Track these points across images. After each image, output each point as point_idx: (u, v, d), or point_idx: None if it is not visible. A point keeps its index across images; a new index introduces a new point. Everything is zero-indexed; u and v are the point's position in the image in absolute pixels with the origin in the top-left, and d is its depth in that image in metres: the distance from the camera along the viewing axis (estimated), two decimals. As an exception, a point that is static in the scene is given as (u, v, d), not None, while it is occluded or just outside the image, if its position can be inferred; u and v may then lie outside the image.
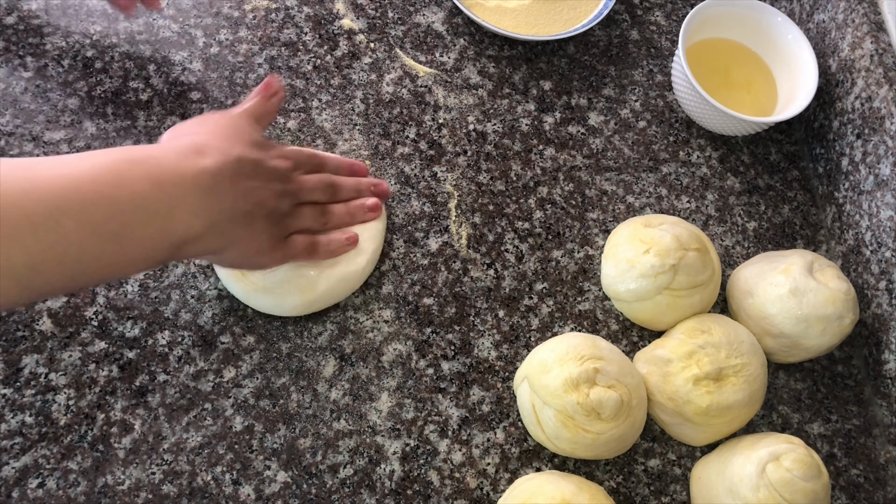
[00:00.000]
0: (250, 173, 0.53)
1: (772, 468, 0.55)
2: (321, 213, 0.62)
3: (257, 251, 0.56)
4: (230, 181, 0.52)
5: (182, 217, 0.49)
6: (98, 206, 0.45)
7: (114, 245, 0.46)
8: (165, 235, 0.48)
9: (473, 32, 0.78)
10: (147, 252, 0.48)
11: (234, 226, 0.53)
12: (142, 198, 0.47)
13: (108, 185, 0.46)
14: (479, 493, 0.59)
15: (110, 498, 0.56)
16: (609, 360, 0.59)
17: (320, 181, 0.62)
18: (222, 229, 0.52)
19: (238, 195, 0.52)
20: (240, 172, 0.52)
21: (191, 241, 0.50)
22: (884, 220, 0.66)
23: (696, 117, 0.75)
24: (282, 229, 0.58)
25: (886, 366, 0.66)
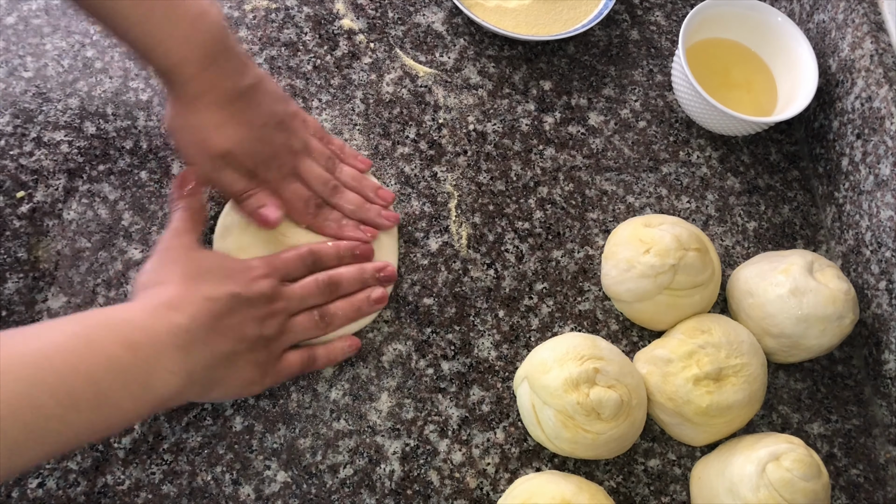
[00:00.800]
0: (227, 311, 0.52)
1: (772, 468, 0.55)
2: (320, 319, 0.59)
3: (245, 384, 0.55)
4: (206, 330, 0.50)
5: (160, 377, 0.47)
6: (74, 377, 0.43)
7: (94, 413, 0.44)
8: (145, 397, 0.47)
9: (473, 32, 0.78)
10: (127, 415, 0.47)
11: (215, 370, 0.51)
12: (117, 363, 0.45)
13: (81, 354, 0.44)
14: (479, 493, 0.59)
15: (110, 498, 0.56)
16: (609, 360, 0.59)
17: (314, 286, 0.59)
18: (202, 378, 0.51)
19: (216, 340, 0.51)
20: (216, 315, 0.51)
21: (171, 397, 0.49)
22: (884, 220, 0.66)
23: (696, 117, 0.75)
24: (272, 353, 0.56)
25: (886, 366, 0.66)
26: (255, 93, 0.58)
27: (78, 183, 0.65)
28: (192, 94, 0.55)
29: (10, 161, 0.65)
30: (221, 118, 0.56)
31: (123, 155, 0.67)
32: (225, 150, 0.57)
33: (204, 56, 0.54)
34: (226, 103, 0.56)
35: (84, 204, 0.65)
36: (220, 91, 0.56)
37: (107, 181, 0.66)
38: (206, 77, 0.55)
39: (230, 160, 0.57)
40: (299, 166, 0.61)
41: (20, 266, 0.62)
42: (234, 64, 0.56)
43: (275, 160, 0.59)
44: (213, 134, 0.56)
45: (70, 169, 0.66)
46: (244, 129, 0.57)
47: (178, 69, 0.54)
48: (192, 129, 0.57)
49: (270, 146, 0.59)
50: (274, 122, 0.59)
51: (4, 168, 0.65)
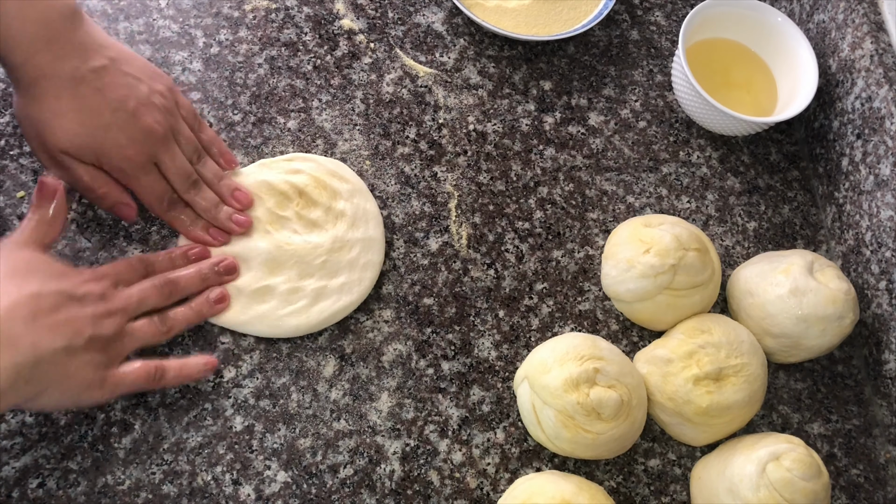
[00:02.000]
0: (53, 306, 0.48)
1: (772, 468, 0.55)
2: (161, 324, 0.56)
3: (83, 387, 0.50)
4: (25, 322, 0.47)
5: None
6: None
7: None
8: None
9: (473, 32, 0.78)
10: None
11: (47, 368, 0.48)
12: None
13: None
14: (479, 493, 0.59)
15: (110, 498, 0.56)
16: (609, 360, 0.59)
17: (151, 288, 0.56)
18: (29, 376, 0.47)
19: (42, 335, 0.47)
20: (38, 309, 0.48)
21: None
22: (884, 220, 0.66)
23: (696, 117, 0.75)
24: (111, 356, 0.52)
25: (886, 366, 0.66)
26: (105, 75, 0.53)
27: (78, 183, 0.65)
28: (28, 80, 0.51)
29: (10, 161, 0.65)
30: (60, 108, 0.52)
31: (123, 155, 0.67)
32: (62, 145, 0.53)
33: (39, 38, 0.50)
34: (66, 90, 0.51)
35: (84, 204, 0.65)
36: (59, 76, 0.51)
37: (107, 181, 0.66)
38: (41, 60, 0.50)
39: (70, 156, 0.53)
40: (160, 154, 0.56)
41: None
42: (75, 45, 0.51)
43: (127, 149, 0.54)
44: (51, 127, 0.52)
45: (70, 169, 0.66)
46: (85, 118, 0.52)
47: (9, 49, 0.50)
48: (31, 120, 0.53)
49: (120, 136, 0.54)
50: (129, 106, 0.54)
51: (4, 168, 0.65)
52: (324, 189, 0.65)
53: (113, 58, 0.54)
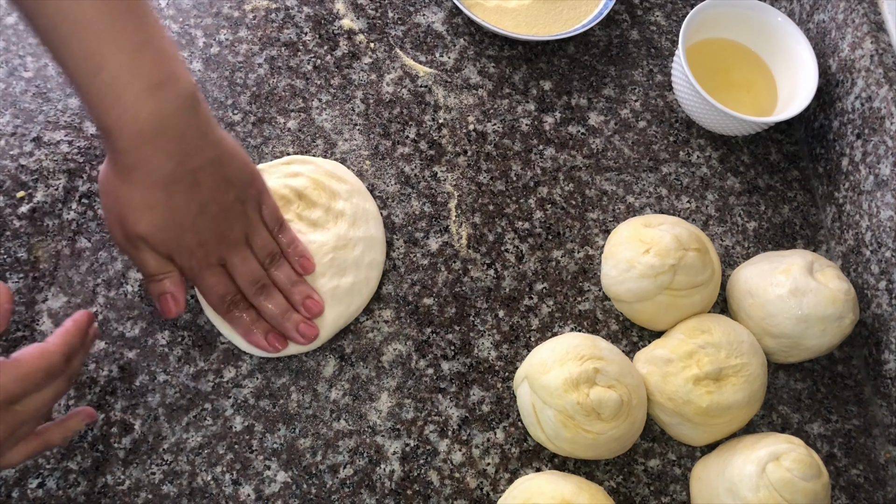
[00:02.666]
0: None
1: (772, 468, 0.55)
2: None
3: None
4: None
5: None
6: None
7: None
8: None
9: (473, 32, 0.78)
10: None
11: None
12: None
13: None
14: (479, 493, 0.59)
15: (110, 498, 0.56)
16: (609, 360, 0.59)
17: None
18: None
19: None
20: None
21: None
22: (884, 220, 0.66)
23: (696, 117, 0.75)
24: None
25: (886, 366, 0.66)
26: (201, 176, 0.52)
27: (78, 183, 0.65)
28: (126, 165, 0.50)
29: (10, 161, 0.65)
30: (148, 200, 0.51)
31: (123, 155, 0.67)
32: (141, 234, 0.52)
33: (147, 130, 0.49)
34: (159, 184, 0.51)
35: (84, 204, 0.65)
36: (156, 171, 0.50)
37: (107, 181, 0.66)
38: (145, 152, 0.50)
39: (146, 244, 0.53)
40: (230, 258, 0.56)
41: (20, 266, 0.62)
42: (184, 143, 0.51)
43: (199, 249, 0.54)
44: (135, 214, 0.52)
45: (70, 169, 0.66)
46: (171, 215, 0.52)
47: (116, 135, 0.49)
48: (116, 199, 0.52)
49: (198, 236, 0.54)
50: (213, 209, 0.54)
51: (4, 168, 0.65)
52: (322, 190, 0.65)
53: (212, 159, 0.53)
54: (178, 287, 0.55)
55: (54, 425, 0.52)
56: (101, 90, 0.48)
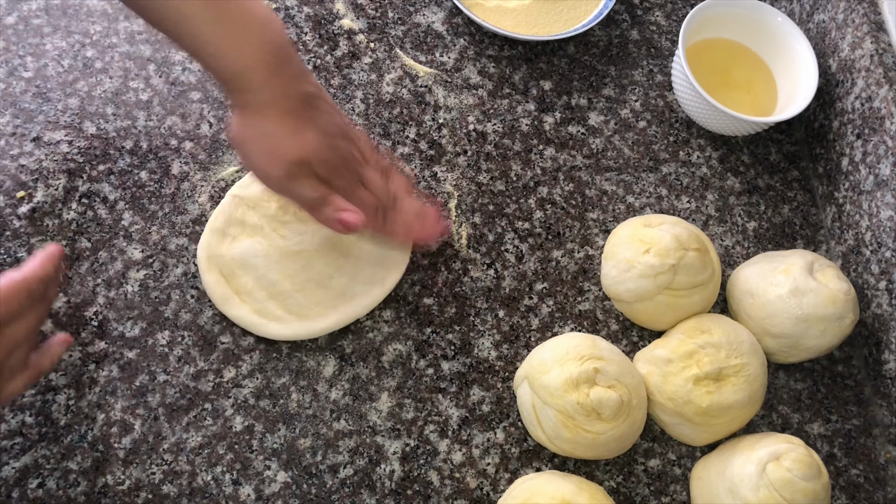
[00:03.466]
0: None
1: (772, 468, 0.55)
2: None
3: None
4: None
5: None
6: None
7: None
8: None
9: (473, 32, 0.78)
10: None
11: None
12: None
13: None
14: (479, 493, 0.59)
15: (110, 498, 0.56)
16: (609, 360, 0.59)
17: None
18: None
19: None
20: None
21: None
22: (884, 220, 0.66)
23: (696, 117, 0.75)
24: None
25: (886, 366, 0.66)
26: (319, 101, 0.57)
27: (78, 183, 0.65)
28: (262, 102, 0.54)
29: (10, 161, 0.65)
30: (294, 125, 0.55)
31: (123, 155, 0.67)
32: (301, 156, 0.55)
33: (271, 62, 0.53)
34: (294, 110, 0.55)
35: (84, 204, 0.65)
36: (289, 97, 0.55)
37: (107, 181, 0.66)
38: (275, 83, 0.54)
39: (305, 167, 0.56)
40: (365, 174, 0.60)
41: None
42: (297, 70, 0.55)
43: (343, 168, 0.58)
44: (288, 141, 0.55)
45: (70, 169, 0.66)
46: (317, 135, 0.56)
47: (247, 75, 0.53)
48: (263, 136, 0.55)
49: (339, 154, 0.58)
50: (339, 130, 0.58)
51: (4, 168, 0.65)
52: None
53: (316, 85, 0.58)
54: (346, 202, 0.58)
55: (42, 355, 0.54)
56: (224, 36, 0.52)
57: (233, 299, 0.61)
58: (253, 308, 0.61)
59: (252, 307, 0.61)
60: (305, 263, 0.63)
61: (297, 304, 0.62)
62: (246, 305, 0.61)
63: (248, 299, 0.62)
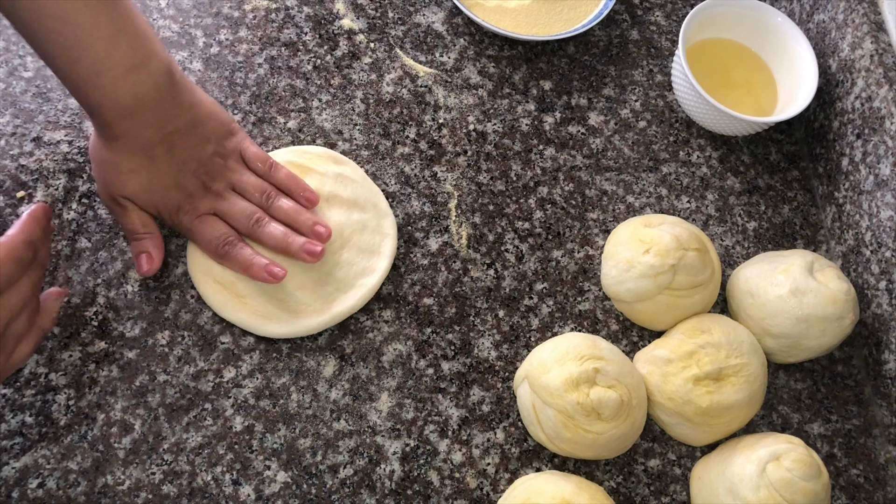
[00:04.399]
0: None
1: (772, 468, 0.55)
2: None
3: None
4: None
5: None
6: None
7: None
8: None
9: (473, 32, 0.78)
10: None
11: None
12: None
13: None
14: (479, 493, 0.59)
15: (110, 498, 0.56)
16: (609, 360, 0.59)
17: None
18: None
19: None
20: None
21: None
22: (884, 220, 0.66)
23: (696, 117, 0.75)
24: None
25: (886, 366, 0.66)
26: (177, 138, 0.58)
27: (78, 183, 0.65)
28: (109, 136, 0.57)
29: (10, 161, 0.65)
30: (132, 164, 0.57)
31: (123, 155, 0.67)
32: (127, 195, 0.59)
33: (128, 106, 0.55)
34: (140, 150, 0.57)
35: (84, 204, 0.65)
36: (137, 139, 0.57)
37: (107, 181, 0.66)
38: (124, 125, 0.56)
39: (129, 202, 0.59)
40: (219, 207, 0.61)
41: None
42: (160, 111, 0.57)
43: (186, 204, 0.60)
44: (120, 177, 0.58)
45: (70, 169, 0.66)
46: (154, 176, 0.58)
47: (100, 112, 0.55)
48: (102, 164, 0.58)
49: (182, 192, 0.59)
50: (191, 167, 0.59)
51: (4, 168, 0.65)
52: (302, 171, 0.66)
53: (187, 122, 0.58)
54: (157, 247, 0.61)
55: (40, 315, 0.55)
56: (81, 76, 0.53)
57: (232, 304, 0.61)
58: (253, 310, 0.61)
59: (252, 309, 0.61)
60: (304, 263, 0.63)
61: (297, 302, 0.62)
62: (246, 308, 0.61)
63: (249, 302, 0.62)
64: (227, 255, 0.60)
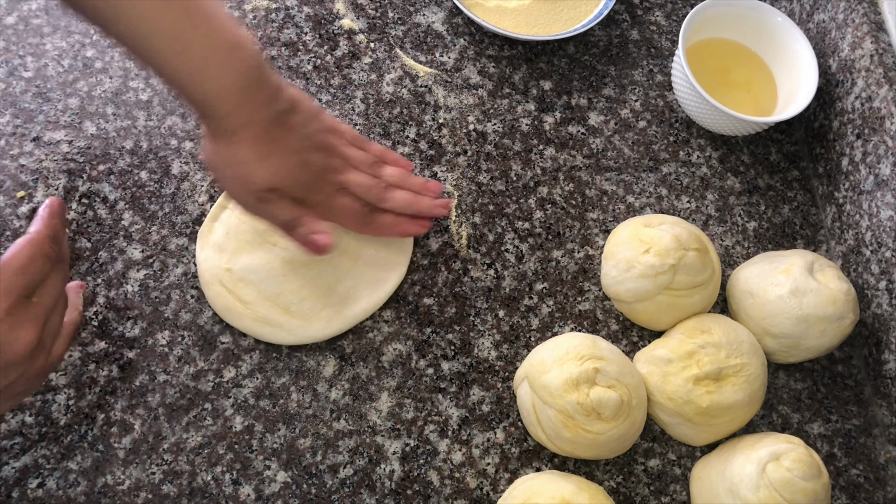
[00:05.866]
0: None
1: (772, 468, 0.55)
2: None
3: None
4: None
5: None
6: None
7: None
8: None
9: (473, 32, 0.78)
10: None
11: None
12: None
13: None
14: (478, 493, 0.59)
15: (110, 498, 0.56)
16: (609, 360, 0.59)
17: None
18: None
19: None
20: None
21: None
22: (884, 220, 0.66)
23: (696, 117, 0.75)
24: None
25: (886, 366, 0.66)
26: (291, 117, 0.57)
27: (78, 183, 0.65)
28: (231, 128, 0.54)
29: (10, 161, 0.65)
30: (262, 151, 0.55)
31: (123, 155, 0.67)
32: (270, 183, 0.56)
33: (240, 89, 0.53)
34: (264, 134, 0.55)
35: (84, 204, 0.65)
36: (258, 122, 0.55)
37: (107, 181, 0.66)
38: (244, 110, 0.54)
39: (276, 191, 0.57)
40: (344, 181, 0.60)
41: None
42: (268, 92, 0.55)
43: (319, 182, 0.59)
44: (256, 168, 0.55)
45: (70, 169, 0.66)
46: (285, 158, 0.56)
47: (215, 103, 0.53)
48: (233, 164, 0.56)
49: (312, 169, 0.58)
50: (312, 143, 0.58)
51: (4, 168, 0.65)
52: None
53: (291, 98, 0.57)
54: (317, 222, 0.59)
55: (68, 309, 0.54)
56: (191, 66, 0.52)
57: (236, 309, 0.61)
58: (257, 317, 0.61)
59: (256, 315, 0.61)
60: (311, 272, 0.63)
61: (301, 311, 0.62)
62: (249, 314, 0.61)
63: (252, 308, 0.61)
64: (373, 225, 0.62)
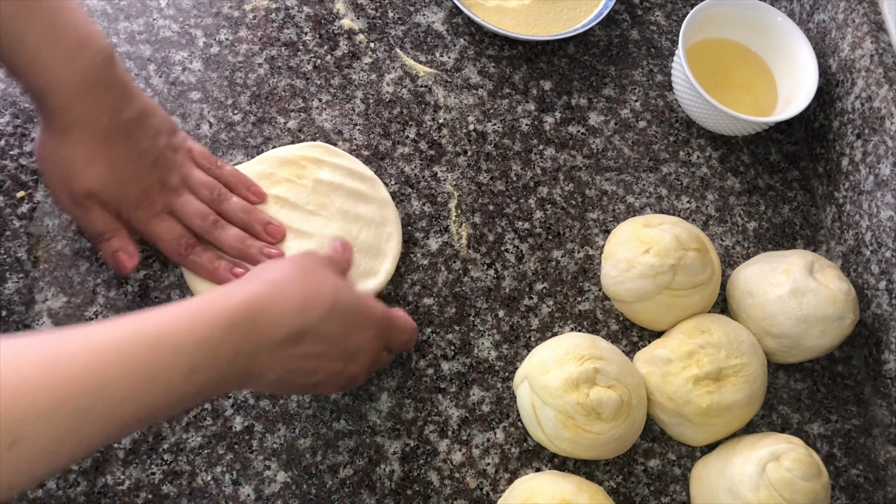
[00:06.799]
0: None
1: (772, 468, 0.55)
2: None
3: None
4: None
5: None
6: None
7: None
8: None
9: (473, 32, 0.78)
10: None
11: None
12: None
13: None
14: (478, 493, 0.59)
15: (110, 498, 0.56)
16: (609, 360, 0.59)
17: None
18: None
19: None
20: None
21: None
22: (884, 220, 0.66)
23: (696, 117, 0.75)
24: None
25: (886, 366, 0.66)
26: (134, 127, 0.55)
27: (78, 183, 0.65)
28: (63, 124, 0.53)
29: (10, 161, 0.65)
30: (92, 154, 0.54)
31: (123, 155, 0.67)
32: (89, 190, 0.55)
33: (79, 84, 0.52)
34: (100, 138, 0.54)
35: (84, 204, 0.65)
36: (94, 124, 0.53)
37: (107, 181, 0.66)
38: (80, 108, 0.52)
39: (94, 198, 0.55)
40: (174, 203, 0.59)
41: (20, 266, 0.62)
42: (113, 96, 0.54)
43: (145, 199, 0.57)
44: (81, 171, 0.54)
45: (70, 169, 0.66)
46: (115, 167, 0.55)
47: (50, 95, 0.52)
48: (59, 162, 0.54)
49: (140, 185, 0.57)
50: (149, 158, 0.57)
51: (4, 168, 0.65)
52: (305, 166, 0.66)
53: (140, 110, 0.56)
54: (128, 242, 0.59)
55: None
56: (28, 55, 0.50)
57: None
58: None
59: None
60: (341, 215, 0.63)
61: None
62: None
63: None
64: (189, 258, 0.59)
